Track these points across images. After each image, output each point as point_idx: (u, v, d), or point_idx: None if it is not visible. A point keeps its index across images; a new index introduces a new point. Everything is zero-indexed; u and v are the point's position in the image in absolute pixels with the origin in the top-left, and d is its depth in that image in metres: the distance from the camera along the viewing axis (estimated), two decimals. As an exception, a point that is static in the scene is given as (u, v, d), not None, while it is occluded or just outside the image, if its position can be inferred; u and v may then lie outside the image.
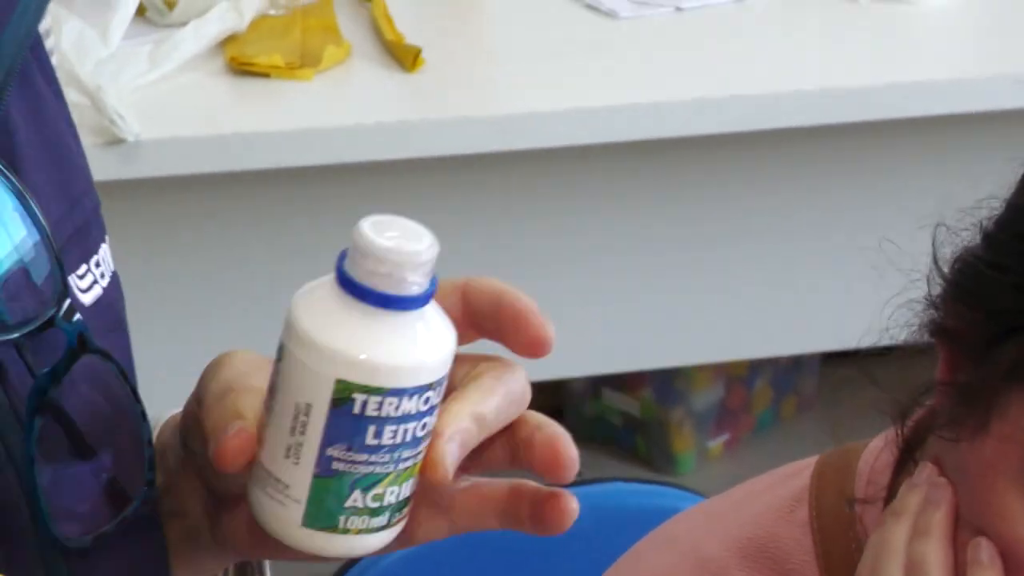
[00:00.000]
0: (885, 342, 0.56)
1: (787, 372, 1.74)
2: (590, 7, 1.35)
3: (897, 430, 0.56)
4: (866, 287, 0.65)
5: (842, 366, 1.35)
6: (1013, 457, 0.50)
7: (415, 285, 0.28)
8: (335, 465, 0.30)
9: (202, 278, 1.27)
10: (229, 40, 1.24)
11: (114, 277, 0.42)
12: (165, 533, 0.40)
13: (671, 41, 1.36)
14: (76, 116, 0.48)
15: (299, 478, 0.30)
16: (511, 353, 0.32)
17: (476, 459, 0.32)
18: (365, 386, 0.29)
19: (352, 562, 0.84)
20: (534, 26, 1.36)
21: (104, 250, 0.41)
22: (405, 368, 0.29)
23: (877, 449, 0.59)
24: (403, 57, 1.25)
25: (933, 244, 0.54)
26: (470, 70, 1.38)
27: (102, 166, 1.13)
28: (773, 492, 0.66)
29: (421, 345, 0.29)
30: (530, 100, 1.21)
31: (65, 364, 0.34)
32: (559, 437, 0.31)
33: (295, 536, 0.31)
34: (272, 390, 0.30)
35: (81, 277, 0.39)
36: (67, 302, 0.34)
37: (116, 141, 1.20)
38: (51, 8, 0.51)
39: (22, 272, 0.34)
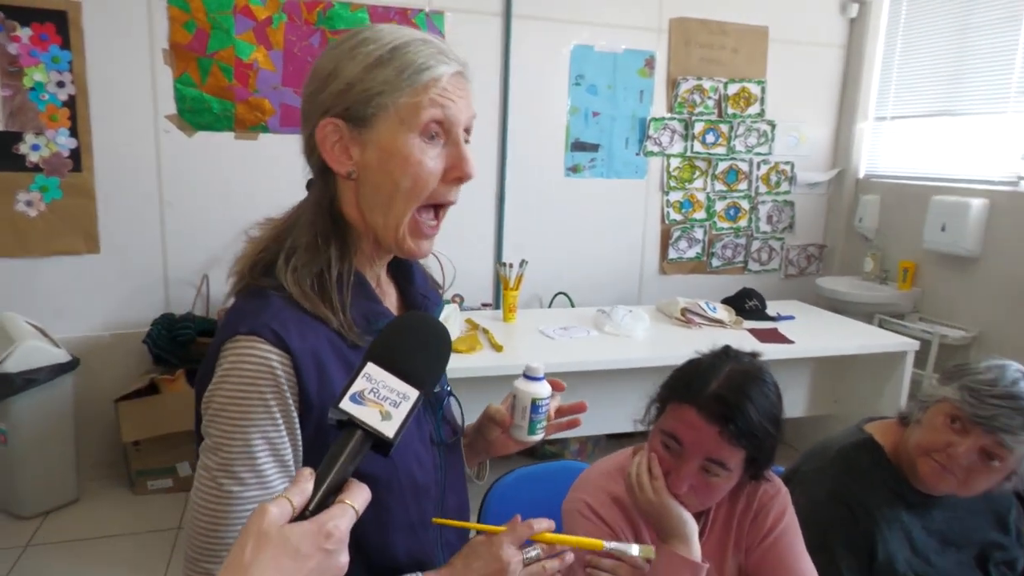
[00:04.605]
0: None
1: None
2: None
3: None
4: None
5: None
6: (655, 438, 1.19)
7: (542, 373, 1.08)
8: (533, 418, 1.07)
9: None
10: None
11: (450, 393, 1.13)
12: (465, 453, 1.16)
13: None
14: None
15: (524, 424, 1.08)
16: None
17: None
18: (539, 399, 1.07)
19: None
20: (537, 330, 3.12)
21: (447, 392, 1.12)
22: (545, 392, 1.08)
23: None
24: (496, 347, 2.94)
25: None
26: (514, 353, 2.86)
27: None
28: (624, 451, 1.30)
29: (547, 387, 1.08)
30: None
31: (442, 403, 1.08)
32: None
33: (526, 438, 1.09)
34: (513, 406, 1.09)
35: (448, 393, 1.12)
36: (444, 393, 1.10)
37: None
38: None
39: (445, 391, 1.10)
